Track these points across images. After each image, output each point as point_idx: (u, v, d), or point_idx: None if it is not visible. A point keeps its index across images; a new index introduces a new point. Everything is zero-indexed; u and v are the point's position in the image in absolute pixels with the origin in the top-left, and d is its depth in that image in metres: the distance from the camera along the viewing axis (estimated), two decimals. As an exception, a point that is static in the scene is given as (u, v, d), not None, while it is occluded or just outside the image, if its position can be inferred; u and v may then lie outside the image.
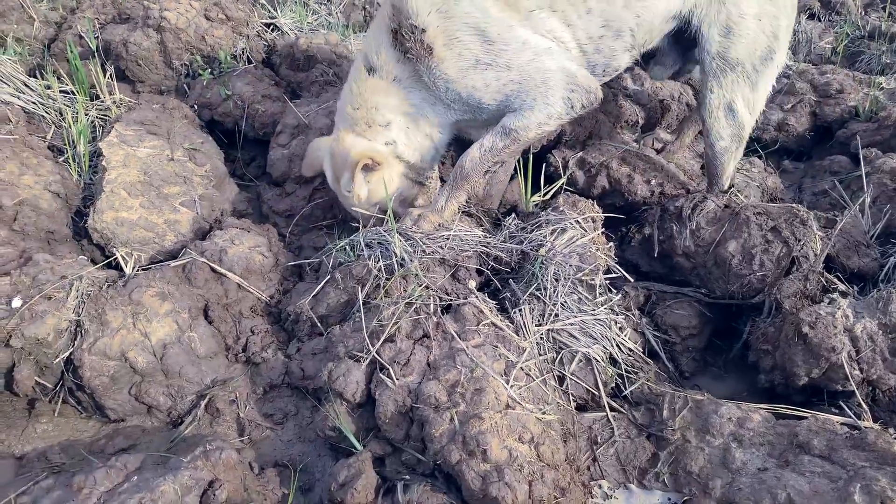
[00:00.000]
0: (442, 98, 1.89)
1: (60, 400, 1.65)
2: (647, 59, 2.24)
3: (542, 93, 1.79)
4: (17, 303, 1.66)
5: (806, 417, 1.50)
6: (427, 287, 1.73)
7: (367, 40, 1.97)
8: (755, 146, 2.65)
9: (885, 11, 3.59)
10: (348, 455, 1.48)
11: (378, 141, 1.97)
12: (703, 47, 1.95)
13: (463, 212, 2.06)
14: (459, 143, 2.17)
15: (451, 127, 2.03)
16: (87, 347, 1.62)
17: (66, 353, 1.62)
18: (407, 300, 1.67)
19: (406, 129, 1.97)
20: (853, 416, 1.49)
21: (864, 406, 1.53)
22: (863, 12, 3.89)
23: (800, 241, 1.81)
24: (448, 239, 1.89)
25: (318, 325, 1.80)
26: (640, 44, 1.97)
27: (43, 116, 2.47)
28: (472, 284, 1.79)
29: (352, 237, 1.95)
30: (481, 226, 2.08)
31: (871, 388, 1.58)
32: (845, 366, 1.55)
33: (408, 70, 1.86)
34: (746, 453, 1.44)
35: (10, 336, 1.59)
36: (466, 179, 1.94)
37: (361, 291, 1.74)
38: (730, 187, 2.16)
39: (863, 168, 2.26)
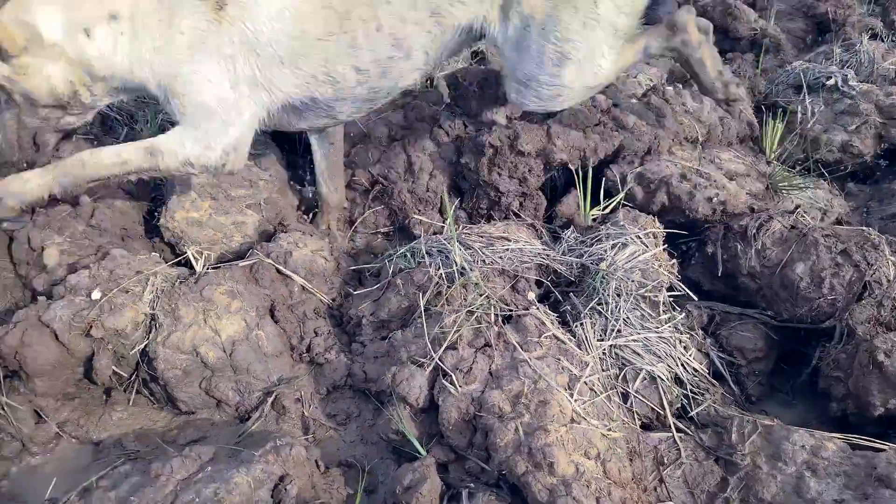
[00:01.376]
0: None
1: (135, 390, 1.72)
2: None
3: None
4: (96, 294, 1.74)
5: (884, 450, 1.44)
6: (487, 297, 1.74)
7: None
8: (819, 168, 2.58)
9: (951, 32, 3.47)
10: (411, 459, 1.49)
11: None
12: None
13: (522, 223, 2.07)
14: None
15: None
16: (162, 340, 1.68)
17: (142, 345, 1.69)
18: (468, 309, 1.69)
19: (120, 36, 1.66)
20: (935, 450, 1.43)
21: (947, 441, 1.47)
22: (927, 32, 3.77)
23: (872, 265, 1.75)
24: (508, 250, 1.90)
25: (380, 329, 1.82)
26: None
27: (116, 119, 2.59)
28: (532, 296, 1.79)
29: (412, 244, 1.98)
30: (540, 238, 2.08)
31: (952, 423, 1.51)
32: (926, 397, 1.49)
33: None
34: (821, 483, 1.39)
35: (91, 326, 1.67)
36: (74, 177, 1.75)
37: (422, 298, 1.76)
38: (796, 208, 2.10)
39: (936, 193, 2.18)
